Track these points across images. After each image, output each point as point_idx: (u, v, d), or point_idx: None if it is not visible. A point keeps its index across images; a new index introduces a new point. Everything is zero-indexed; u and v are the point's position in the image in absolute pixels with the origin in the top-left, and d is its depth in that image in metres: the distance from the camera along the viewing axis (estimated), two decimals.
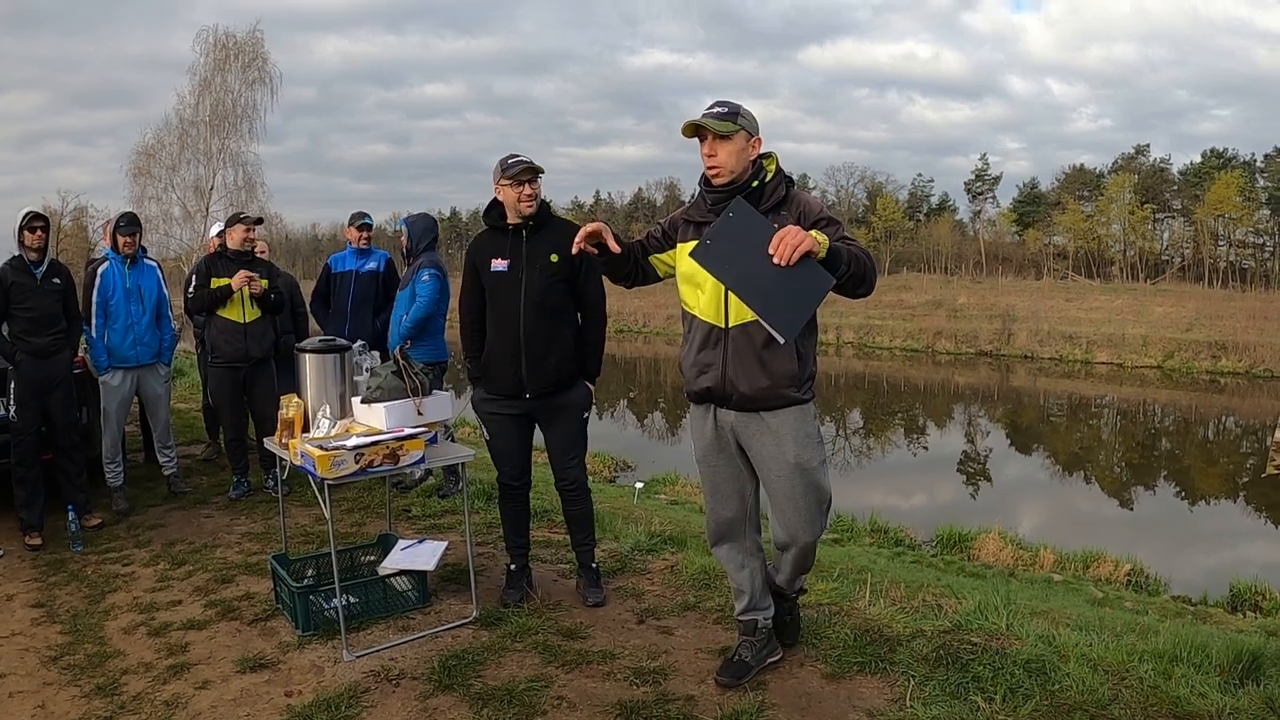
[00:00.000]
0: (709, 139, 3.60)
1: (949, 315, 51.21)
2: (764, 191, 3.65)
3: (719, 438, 3.85)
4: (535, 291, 4.76)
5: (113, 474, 7.27)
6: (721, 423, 3.81)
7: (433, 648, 4.42)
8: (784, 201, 3.65)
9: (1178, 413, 31.39)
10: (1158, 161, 75.10)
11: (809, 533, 3.78)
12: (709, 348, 3.72)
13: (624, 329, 58.60)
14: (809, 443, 3.71)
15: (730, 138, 3.58)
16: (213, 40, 34.58)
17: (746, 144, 3.62)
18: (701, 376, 3.75)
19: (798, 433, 3.68)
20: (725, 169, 3.61)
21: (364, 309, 7.93)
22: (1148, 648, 4.24)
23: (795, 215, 3.58)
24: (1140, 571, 12.55)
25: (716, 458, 3.89)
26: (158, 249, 35.01)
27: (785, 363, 3.63)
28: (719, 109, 3.61)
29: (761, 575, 4.07)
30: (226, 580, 5.55)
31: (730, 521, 3.99)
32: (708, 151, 3.62)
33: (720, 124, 3.56)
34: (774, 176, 3.69)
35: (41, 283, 6.45)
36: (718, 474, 3.92)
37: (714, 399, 3.78)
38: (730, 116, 3.58)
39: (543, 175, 4.77)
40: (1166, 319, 45.54)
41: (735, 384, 3.66)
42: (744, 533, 4.01)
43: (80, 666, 4.41)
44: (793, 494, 3.72)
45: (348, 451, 4.13)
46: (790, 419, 3.68)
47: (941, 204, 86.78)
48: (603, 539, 6.14)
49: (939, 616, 4.63)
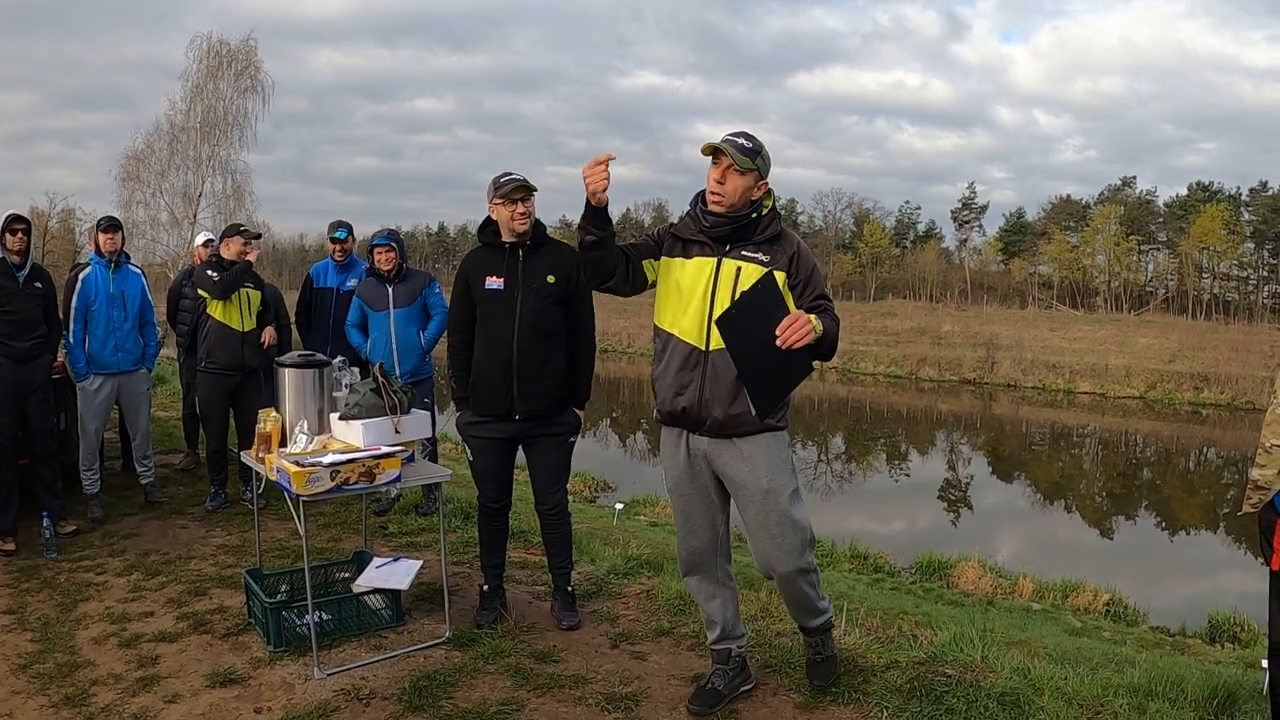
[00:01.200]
0: (724, 165, 3.58)
1: (933, 342, 51.38)
2: (758, 224, 3.68)
3: (691, 466, 3.83)
4: (530, 312, 4.72)
5: (89, 481, 7.19)
6: (694, 450, 3.80)
7: (405, 667, 4.39)
8: (777, 238, 3.70)
9: (1159, 443, 31.52)
10: (1144, 194, 75.76)
11: (784, 562, 3.73)
12: (687, 369, 3.70)
13: (608, 349, 58.50)
14: (782, 469, 3.71)
15: (745, 174, 3.59)
16: (206, 47, 34.55)
17: (755, 183, 3.63)
18: (678, 397, 3.72)
19: (771, 459, 3.68)
20: (727, 200, 3.61)
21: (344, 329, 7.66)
22: (1123, 682, 4.23)
23: (788, 256, 3.65)
24: (1119, 601, 12.57)
25: (688, 487, 3.87)
26: (144, 255, 34.86)
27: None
28: (744, 141, 3.61)
29: (733, 605, 4.06)
30: (200, 593, 5.49)
31: (700, 551, 3.96)
32: (718, 178, 3.60)
33: (742, 158, 3.56)
34: (770, 212, 3.72)
35: (23, 286, 6.40)
36: (689, 503, 3.90)
37: (687, 422, 3.76)
38: (752, 155, 3.58)
39: (535, 194, 4.75)
40: (1150, 350, 45.81)
41: (710, 408, 3.65)
42: (714, 563, 3.98)
43: (49, 675, 4.37)
44: (765, 520, 3.70)
45: (324, 468, 4.10)
46: (763, 445, 3.68)
47: (928, 231, 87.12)
48: (579, 561, 6.11)
49: (914, 647, 4.61)
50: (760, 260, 3.62)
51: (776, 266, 3.62)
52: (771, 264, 3.62)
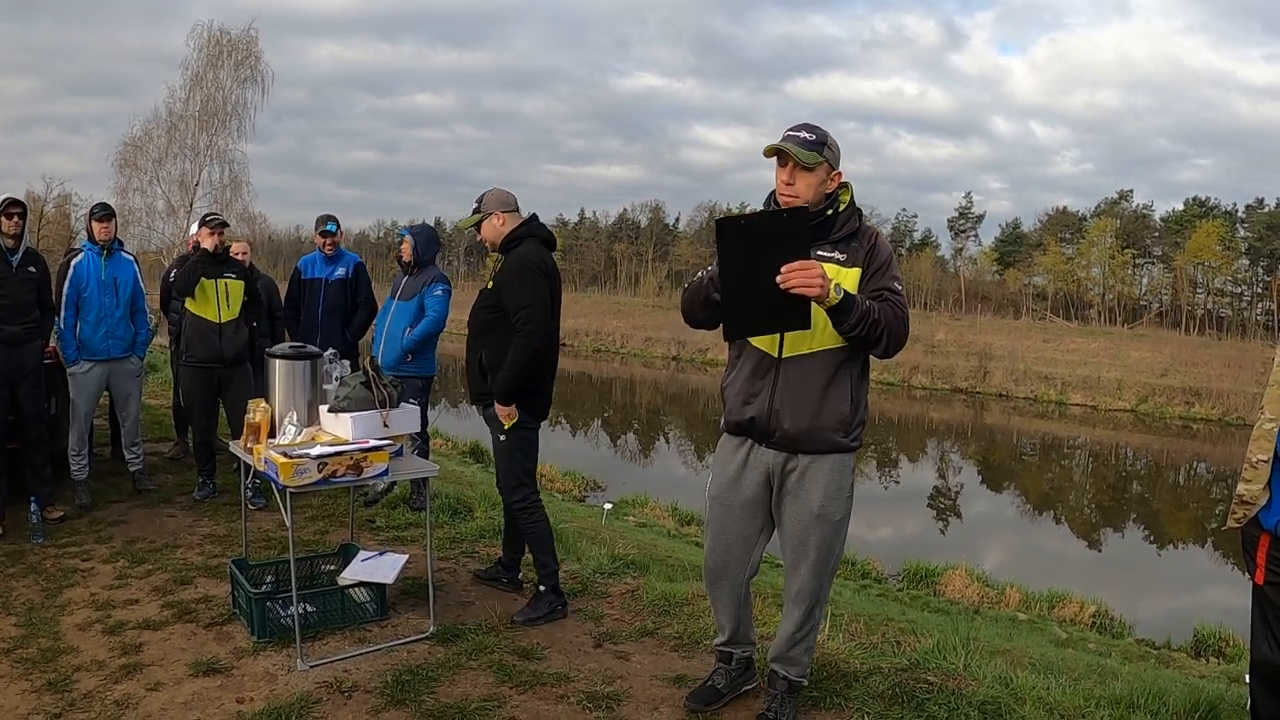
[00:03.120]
0: (790, 166, 3.39)
1: (926, 351, 51.36)
2: (836, 221, 3.48)
3: (741, 478, 3.64)
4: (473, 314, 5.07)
5: (78, 467, 7.18)
6: (754, 462, 3.62)
7: (388, 661, 4.38)
8: (855, 234, 3.49)
9: (1149, 457, 31.60)
10: (1140, 207, 75.95)
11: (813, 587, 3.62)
12: (758, 376, 3.53)
13: (602, 349, 58.64)
14: (839, 495, 3.54)
15: (813, 169, 3.38)
16: (207, 36, 34.45)
17: (827, 176, 3.44)
18: (747, 406, 3.55)
19: (829, 484, 3.51)
20: (801, 199, 3.39)
21: (333, 318, 7.85)
22: (1105, 693, 4.24)
23: (865, 249, 3.45)
24: (1105, 613, 12.62)
25: (731, 498, 3.68)
26: (140, 242, 34.76)
27: (837, 404, 3.47)
28: (806, 135, 3.40)
29: (747, 617, 3.96)
30: (185, 582, 5.49)
31: (727, 565, 3.77)
32: (786, 179, 3.41)
33: (807, 154, 3.35)
34: (847, 208, 3.51)
35: (16, 270, 6.38)
36: (728, 515, 3.70)
37: (755, 433, 3.57)
38: (817, 146, 3.38)
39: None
40: (1142, 363, 45.91)
41: (780, 419, 3.47)
42: (741, 578, 3.82)
43: (33, 661, 4.37)
44: (804, 541, 3.57)
45: (311, 460, 4.10)
46: (827, 466, 3.51)
47: (924, 240, 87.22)
48: (565, 560, 6.11)
49: (897, 654, 4.61)
50: (837, 259, 3.42)
51: (854, 264, 3.43)
52: (849, 262, 3.43)
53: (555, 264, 5.17)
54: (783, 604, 3.83)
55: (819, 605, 3.73)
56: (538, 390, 5.02)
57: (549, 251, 5.14)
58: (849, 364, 3.48)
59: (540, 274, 4.91)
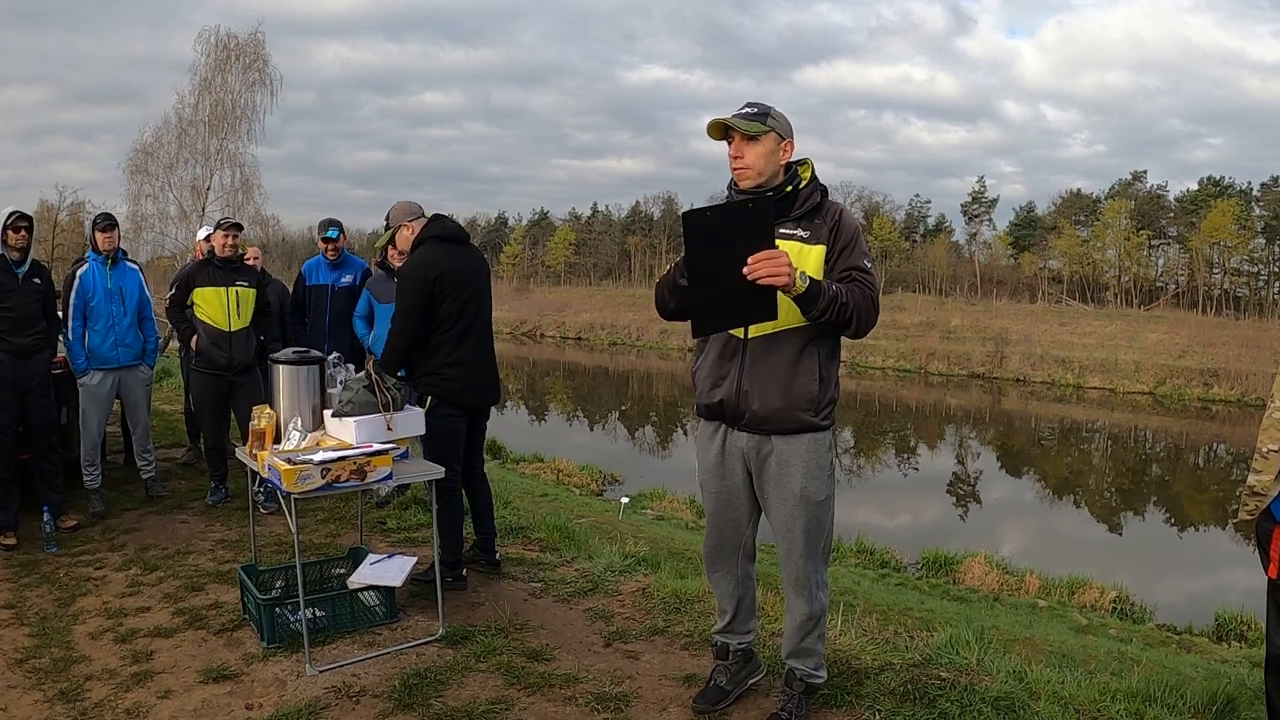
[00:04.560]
0: (736, 140, 3.41)
1: (942, 337, 51.29)
2: (796, 197, 3.46)
3: (722, 463, 3.65)
4: None
5: (90, 476, 7.22)
6: (730, 448, 3.61)
7: (396, 665, 4.37)
8: (817, 210, 3.46)
9: (1168, 439, 31.43)
10: (1154, 188, 75.37)
11: (807, 570, 3.59)
12: (726, 358, 3.53)
13: (617, 342, 58.69)
14: (819, 475, 3.52)
15: (759, 139, 3.38)
16: (214, 40, 34.54)
17: (777, 146, 3.42)
18: (715, 389, 3.55)
19: (808, 464, 3.49)
20: (753, 170, 3.41)
21: (343, 325, 7.72)
22: (1121, 687, 4.17)
23: (829, 226, 3.42)
24: (1125, 599, 12.54)
25: (717, 483, 3.69)
26: (153, 248, 34.97)
27: (805, 383, 3.44)
28: (747, 109, 3.43)
29: (748, 603, 3.93)
30: (197, 588, 5.50)
31: (722, 549, 3.80)
32: (734, 153, 3.42)
33: (748, 124, 3.37)
34: (808, 183, 3.49)
35: (23, 282, 6.43)
36: (716, 500, 3.73)
37: (725, 416, 3.57)
38: (759, 117, 3.40)
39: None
40: (1159, 345, 45.65)
41: (749, 400, 3.46)
42: (735, 562, 3.82)
43: (45, 670, 4.39)
44: (791, 526, 3.54)
45: (314, 466, 4.08)
46: (802, 447, 3.49)
47: (938, 225, 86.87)
48: (576, 558, 6.12)
49: (909, 649, 4.55)
50: (800, 237, 3.40)
51: (818, 241, 3.40)
52: (812, 239, 3.40)
53: (463, 254, 5.43)
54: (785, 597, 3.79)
55: (820, 589, 3.67)
56: (452, 376, 5.28)
57: (456, 246, 5.40)
58: (816, 342, 3.45)
59: (413, 284, 5.19)
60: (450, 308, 5.22)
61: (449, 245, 5.36)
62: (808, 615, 3.66)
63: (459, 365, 5.29)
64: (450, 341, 5.26)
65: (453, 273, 5.25)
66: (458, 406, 5.33)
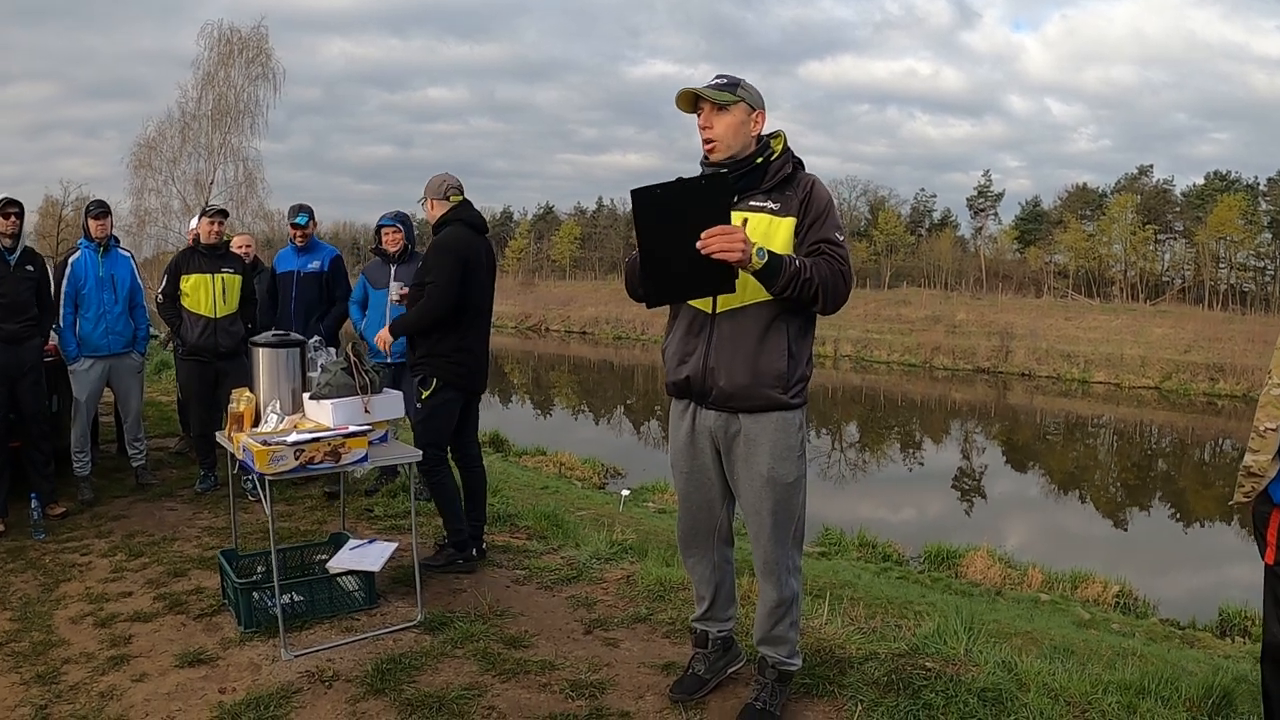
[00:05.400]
0: (706, 110, 3.34)
1: (948, 331, 51.17)
2: (767, 169, 3.38)
3: (692, 443, 3.56)
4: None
5: (80, 464, 7.19)
6: (699, 427, 3.53)
7: (372, 650, 4.32)
8: (789, 181, 3.38)
9: (1174, 434, 31.32)
10: (1160, 183, 75.05)
11: (776, 554, 3.49)
12: (693, 334, 3.46)
13: (622, 336, 58.66)
14: (787, 456, 3.40)
15: (728, 109, 3.31)
16: (217, 35, 34.67)
17: (748, 118, 3.35)
18: (682, 365, 3.48)
19: (776, 444, 3.38)
20: (723, 143, 3.34)
21: (307, 312, 7.57)
22: (1113, 679, 4.04)
23: (800, 198, 3.33)
24: (1129, 593, 12.49)
25: (688, 464, 3.60)
26: (156, 242, 35.06)
27: (773, 359, 3.33)
28: (719, 80, 3.36)
29: (726, 589, 3.84)
30: (179, 574, 5.47)
31: (695, 531, 3.71)
32: (704, 123, 3.35)
33: (718, 94, 3.30)
34: (780, 155, 3.40)
35: (14, 269, 6.41)
36: (688, 481, 3.64)
37: (692, 393, 3.50)
38: (729, 88, 3.33)
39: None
40: (1165, 340, 45.52)
41: (715, 376, 3.37)
42: (710, 545, 3.74)
43: (24, 654, 4.37)
44: (759, 508, 3.44)
45: (287, 447, 4.03)
46: (770, 426, 3.37)
47: (943, 219, 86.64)
48: (563, 546, 6.07)
49: (895, 639, 4.46)
50: (770, 209, 3.32)
51: (788, 213, 3.32)
52: (783, 211, 3.32)
53: (483, 245, 5.58)
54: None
55: (791, 574, 3.56)
56: (460, 361, 5.39)
57: (476, 234, 5.53)
58: (785, 318, 3.35)
59: (452, 255, 5.29)
60: (468, 294, 5.34)
61: (473, 232, 5.50)
62: (777, 601, 3.57)
63: (467, 352, 5.42)
64: (463, 327, 5.37)
65: (475, 260, 5.40)
66: (460, 390, 5.45)
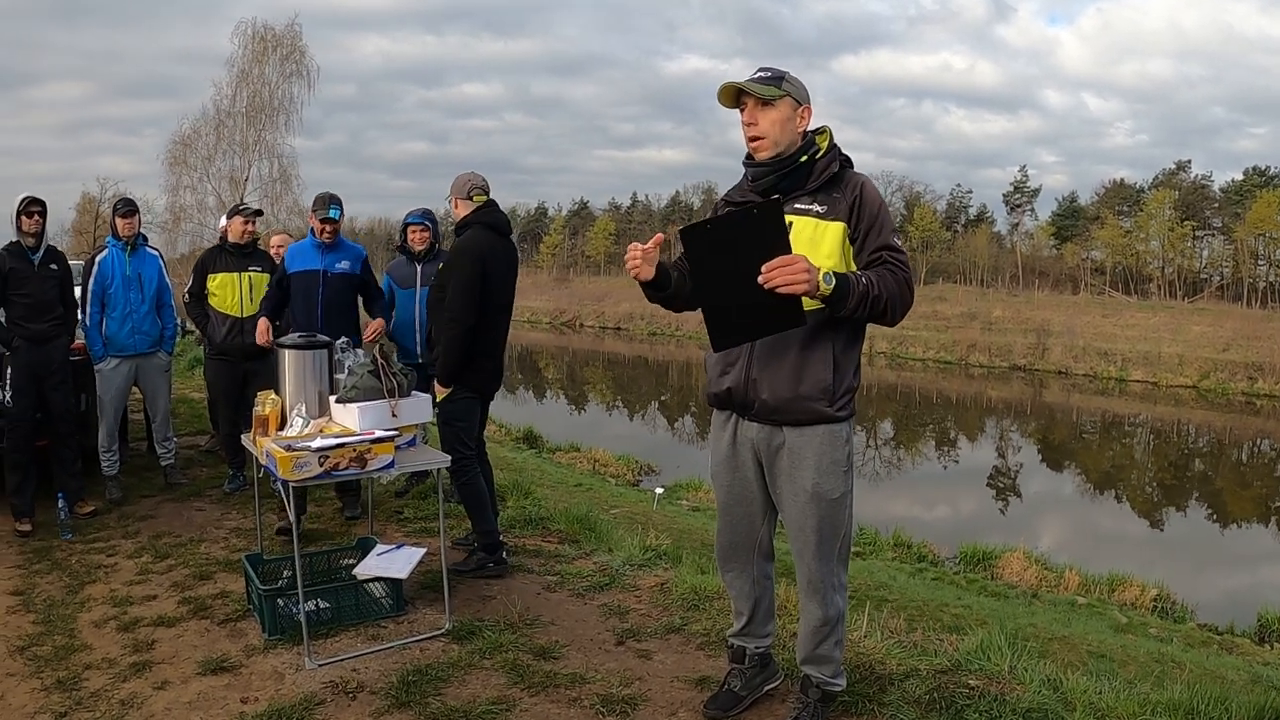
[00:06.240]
0: (750, 106, 3.19)
1: (984, 328, 50.71)
2: (813, 169, 3.22)
3: (734, 455, 3.43)
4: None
5: (108, 463, 7.19)
6: (741, 438, 3.40)
7: (398, 660, 4.23)
8: (836, 180, 3.22)
9: (1212, 434, 30.88)
10: (1198, 178, 74.04)
11: (822, 572, 3.35)
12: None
13: (656, 332, 58.60)
14: (833, 470, 3.26)
15: (774, 104, 3.16)
16: (251, 32, 34.85)
17: (794, 113, 3.20)
18: (724, 376, 3.33)
19: (821, 458, 3.24)
20: (769, 139, 3.18)
21: (339, 318, 6.43)
22: (1162, 698, 3.86)
23: (849, 200, 3.16)
24: (1166, 597, 12.26)
25: (729, 476, 3.47)
26: (192, 239, 35.33)
27: (818, 371, 3.18)
28: (761, 73, 3.21)
29: (765, 605, 3.71)
30: (205, 577, 5.42)
31: (736, 546, 3.58)
32: (748, 120, 3.20)
33: (763, 88, 3.15)
34: (826, 153, 3.25)
35: (38, 268, 6.41)
36: (729, 494, 3.50)
37: (734, 405, 3.36)
38: (774, 81, 3.18)
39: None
40: (1203, 338, 44.84)
41: (758, 389, 3.23)
42: (750, 560, 3.61)
43: (46, 658, 4.33)
44: (803, 525, 3.30)
45: (312, 453, 3.94)
46: (816, 440, 3.23)
47: (979, 215, 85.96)
48: (596, 551, 5.97)
49: (937, 654, 4.30)
50: (816, 212, 3.16)
51: (836, 216, 3.15)
52: (830, 214, 3.15)
53: (504, 247, 5.49)
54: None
55: (836, 592, 3.42)
56: (480, 366, 5.37)
57: (498, 237, 5.45)
58: (831, 327, 3.18)
59: (469, 262, 5.24)
60: (486, 299, 5.29)
61: (494, 235, 5.44)
62: (822, 620, 3.42)
63: (486, 356, 5.39)
64: (483, 330, 5.30)
65: (493, 264, 5.35)
66: (480, 393, 5.45)
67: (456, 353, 5.19)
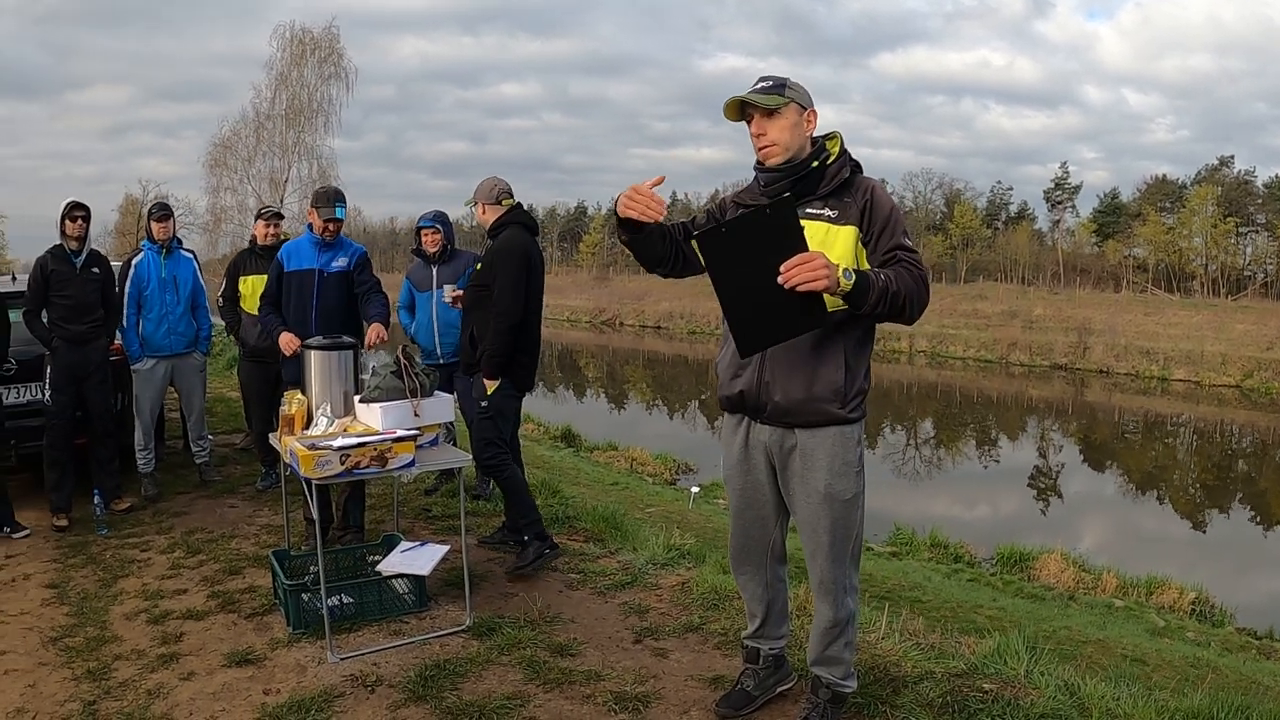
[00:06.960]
0: (756, 117, 3.22)
1: (1024, 326, 50.22)
2: (824, 174, 3.25)
3: (746, 458, 3.47)
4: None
5: (144, 460, 7.35)
6: (753, 441, 3.43)
7: (418, 655, 4.30)
8: (847, 185, 3.24)
9: (1256, 434, 30.40)
10: (1241, 174, 72.88)
11: (834, 574, 3.38)
12: None
13: (696, 331, 58.43)
14: (845, 472, 3.29)
15: (779, 112, 3.19)
16: (289, 35, 35.23)
17: (800, 118, 3.23)
18: (736, 379, 3.36)
19: (833, 459, 3.27)
20: (780, 146, 3.21)
21: (333, 317, 6.02)
22: (1181, 706, 3.82)
23: (860, 205, 3.18)
24: (1205, 600, 12.06)
25: (742, 479, 3.51)
26: (232, 240, 35.75)
27: (830, 373, 3.21)
28: (762, 83, 3.24)
29: (779, 606, 3.74)
30: (235, 571, 5.54)
31: (748, 549, 3.62)
32: (756, 131, 3.23)
33: (766, 98, 3.17)
34: (837, 158, 3.27)
35: (80, 271, 6.57)
36: (742, 497, 3.54)
37: (746, 408, 3.38)
38: (777, 89, 3.20)
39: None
40: (1247, 337, 44.14)
41: (770, 391, 3.26)
42: (763, 563, 3.64)
43: (77, 649, 4.46)
44: (815, 526, 3.33)
45: (333, 452, 4.00)
46: (827, 441, 3.27)
47: (1020, 213, 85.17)
48: (620, 549, 6.00)
49: (954, 657, 4.29)
50: (827, 216, 3.19)
51: (847, 220, 3.17)
52: (841, 219, 3.18)
53: (537, 246, 5.70)
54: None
55: (848, 594, 3.44)
56: (523, 364, 5.53)
57: (530, 236, 5.66)
58: (843, 329, 3.21)
59: (517, 259, 5.43)
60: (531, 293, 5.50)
61: (528, 234, 5.65)
62: (833, 621, 3.45)
63: (526, 353, 5.55)
64: (523, 329, 5.48)
65: (535, 260, 5.55)
66: (519, 389, 5.61)
67: (507, 347, 5.36)
